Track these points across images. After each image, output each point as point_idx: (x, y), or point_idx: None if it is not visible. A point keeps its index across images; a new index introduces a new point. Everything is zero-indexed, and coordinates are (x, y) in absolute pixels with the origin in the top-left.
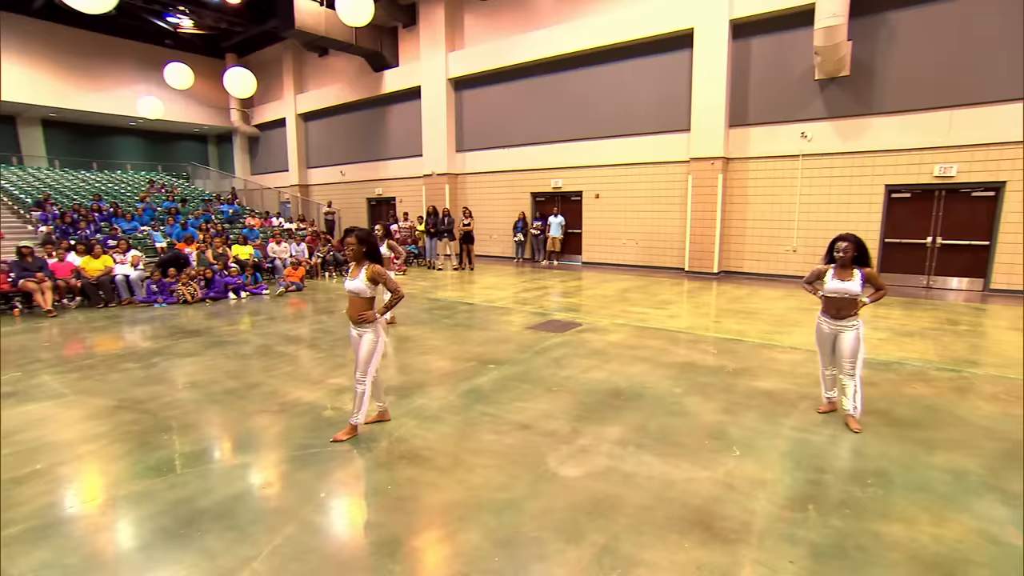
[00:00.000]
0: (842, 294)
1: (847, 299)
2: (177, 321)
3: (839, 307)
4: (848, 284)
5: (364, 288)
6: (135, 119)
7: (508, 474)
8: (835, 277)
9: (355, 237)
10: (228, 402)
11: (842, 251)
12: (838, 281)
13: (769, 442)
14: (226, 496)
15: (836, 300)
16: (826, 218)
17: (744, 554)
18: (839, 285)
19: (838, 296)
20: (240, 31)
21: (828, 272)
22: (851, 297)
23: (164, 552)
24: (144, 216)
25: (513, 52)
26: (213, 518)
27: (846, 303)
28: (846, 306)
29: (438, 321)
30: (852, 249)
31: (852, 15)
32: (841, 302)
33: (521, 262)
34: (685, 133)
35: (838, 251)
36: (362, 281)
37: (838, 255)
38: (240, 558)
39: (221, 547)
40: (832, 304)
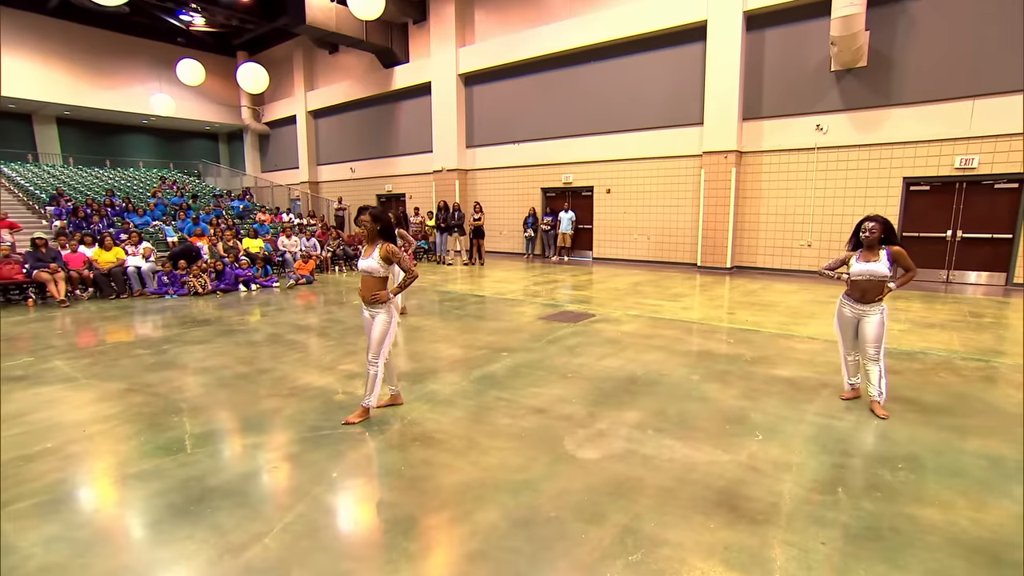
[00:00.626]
0: (869, 276)
1: (874, 282)
2: (188, 311)
3: (864, 290)
4: (875, 265)
5: (377, 267)
6: (148, 117)
7: (524, 456)
8: (861, 259)
9: (369, 215)
10: (239, 386)
11: (868, 231)
12: (864, 263)
13: (792, 427)
14: (236, 475)
15: (861, 283)
16: (842, 212)
17: (773, 535)
18: (865, 267)
19: (864, 279)
20: (251, 28)
21: (853, 257)
22: (878, 280)
23: (174, 527)
24: (156, 211)
25: (524, 47)
26: (223, 495)
27: (872, 286)
28: (872, 289)
29: (449, 312)
30: (879, 230)
31: (869, 4)
32: (867, 285)
33: (531, 258)
34: (698, 127)
35: (864, 231)
36: (375, 260)
37: (864, 236)
38: (251, 534)
39: (232, 523)
40: (857, 287)
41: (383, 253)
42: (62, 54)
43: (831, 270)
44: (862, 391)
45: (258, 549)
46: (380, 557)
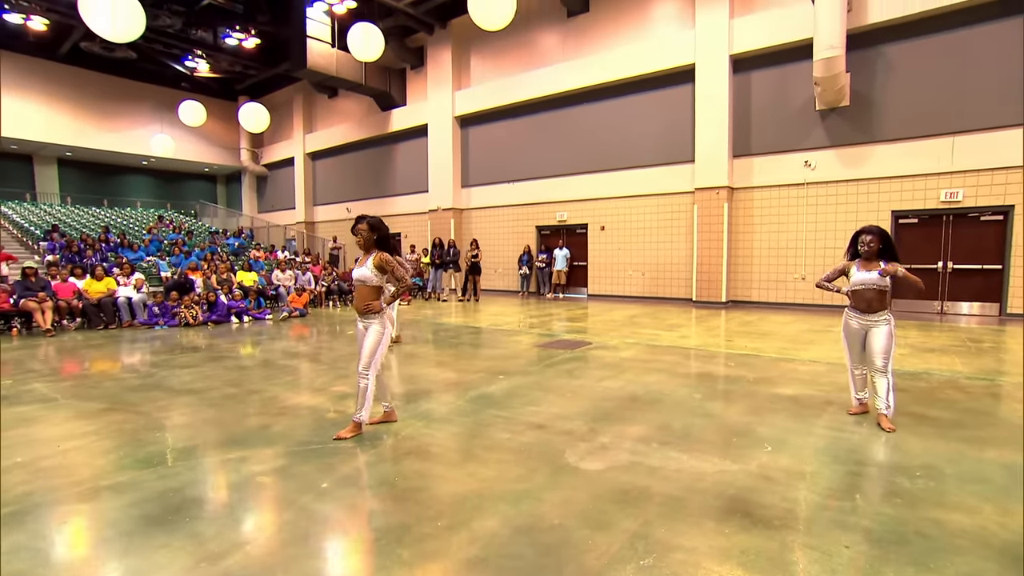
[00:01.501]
0: (870, 286)
1: (876, 290)
2: (177, 341)
3: (868, 300)
4: (875, 275)
5: (370, 275)
6: (147, 158)
7: (524, 467)
8: (861, 269)
9: (367, 223)
10: (226, 406)
11: (866, 244)
12: (865, 273)
13: (801, 440)
14: (219, 486)
15: (864, 292)
16: (834, 245)
17: (792, 539)
18: (866, 276)
19: (866, 288)
20: (254, 74)
21: (853, 267)
22: (880, 289)
23: (147, 537)
24: (151, 247)
25: (518, 89)
26: (203, 505)
27: (876, 294)
28: (876, 298)
29: (444, 341)
30: (877, 241)
31: (849, 48)
32: (871, 294)
33: (526, 295)
34: (689, 164)
35: (863, 244)
36: (368, 268)
37: (863, 248)
38: (232, 542)
39: (211, 532)
40: (861, 298)
41: (376, 262)
42: (69, 97)
43: (829, 281)
44: (870, 405)
45: (238, 556)
46: (372, 563)
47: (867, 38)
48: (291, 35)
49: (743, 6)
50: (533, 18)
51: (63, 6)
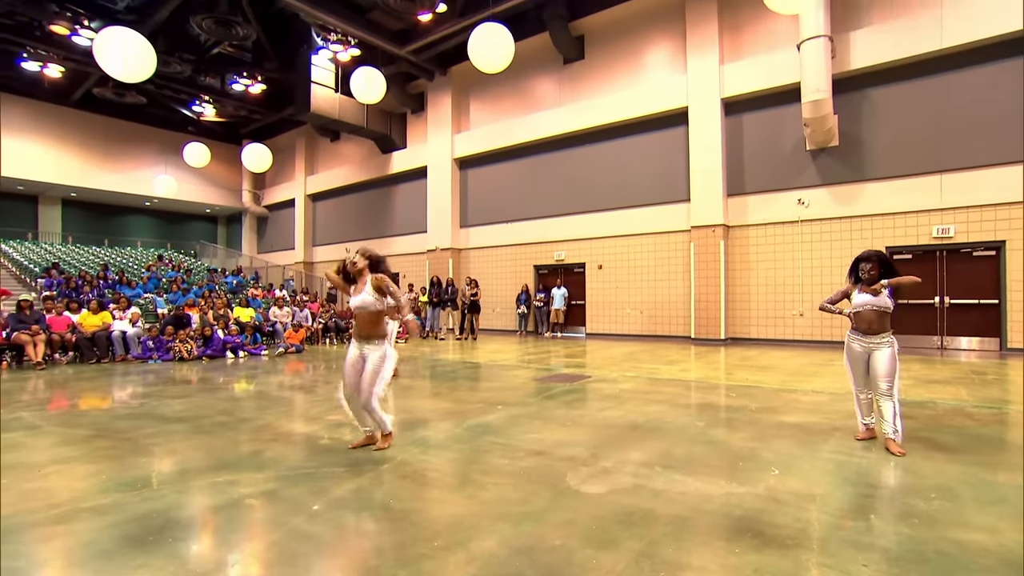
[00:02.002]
0: (872, 307)
1: (878, 311)
2: (170, 374)
3: (870, 321)
4: (879, 299)
5: (371, 300)
6: (150, 199)
7: (524, 491)
8: (862, 292)
9: (359, 252)
10: (217, 433)
11: (867, 272)
12: (866, 295)
13: (809, 464)
14: (204, 508)
15: (865, 314)
16: (830, 281)
17: (807, 558)
18: (867, 298)
19: (866, 309)
20: (259, 118)
21: (855, 290)
22: (882, 310)
23: (125, 557)
24: (149, 284)
25: (516, 132)
26: (187, 527)
27: (877, 316)
28: (877, 320)
29: (441, 375)
30: (877, 267)
31: (835, 92)
32: (871, 315)
33: (524, 334)
34: (685, 203)
35: (863, 272)
36: (368, 292)
37: (864, 276)
38: (215, 562)
39: (193, 552)
40: (862, 319)
41: (375, 283)
42: (77, 140)
43: (832, 303)
44: (877, 431)
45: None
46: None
47: (852, 82)
48: (296, 81)
49: (732, 53)
50: (530, 65)
51: (79, 54)
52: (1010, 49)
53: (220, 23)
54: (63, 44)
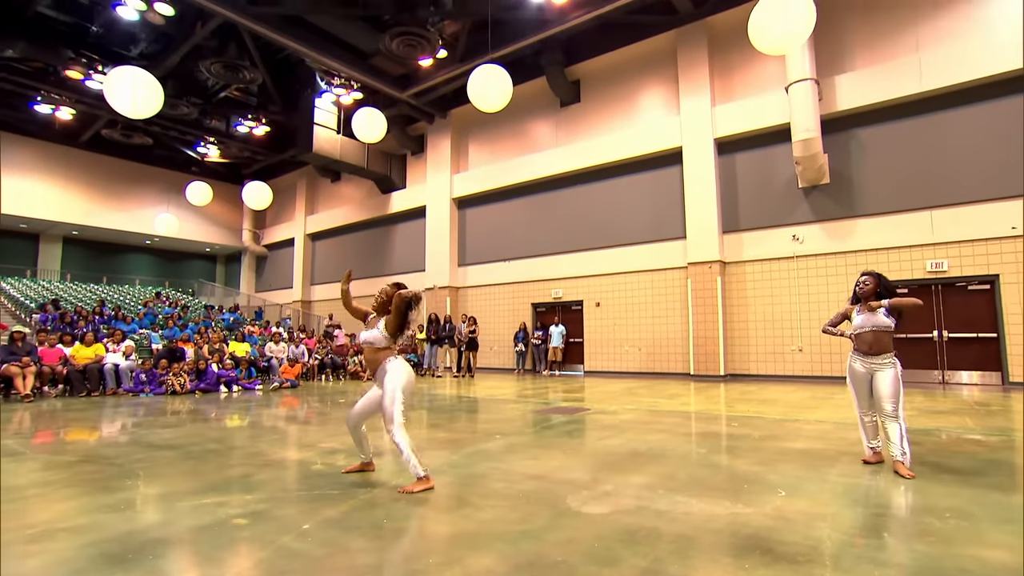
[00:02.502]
0: (872, 327)
1: (879, 332)
2: (161, 407)
3: (871, 342)
4: (878, 319)
5: (380, 337)
6: (151, 237)
7: (522, 511)
8: (862, 312)
9: (393, 285)
10: (207, 458)
11: (862, 284)
12: (865, 315)
13: (816, 486)
14: (190, 528)
15: (866, 335)
16: (827, 316)
17: (819, 573)
18: (866, 319)
19: (866, 330)
20: (261, 159)
21: (854, 311)
22: (881, 330)
23: (101, 574)
24: (144, 320)
25: (514, 172)
26: (169, 545)
27: (878, 337)
28: (879, 340)
29: (439, 408)
30: (873, 282)
31: (824, 132)
32: (872, 337)
33: (522, 372)
34: (681, 240)
35: (859, 285)
36: (380, 331)
37: (859, 289)
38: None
39: (175, 569)
40: (863, 341)
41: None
42: (82, 180)
43: (833, 326)
44: (884, 454)
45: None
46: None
47: (839, 123)
48: (299, 123)
49: (723, 95)
50: (528, 108)
51: (91, 98)
52: (989, 92)
53: (228, 67)
54: (76, 88)
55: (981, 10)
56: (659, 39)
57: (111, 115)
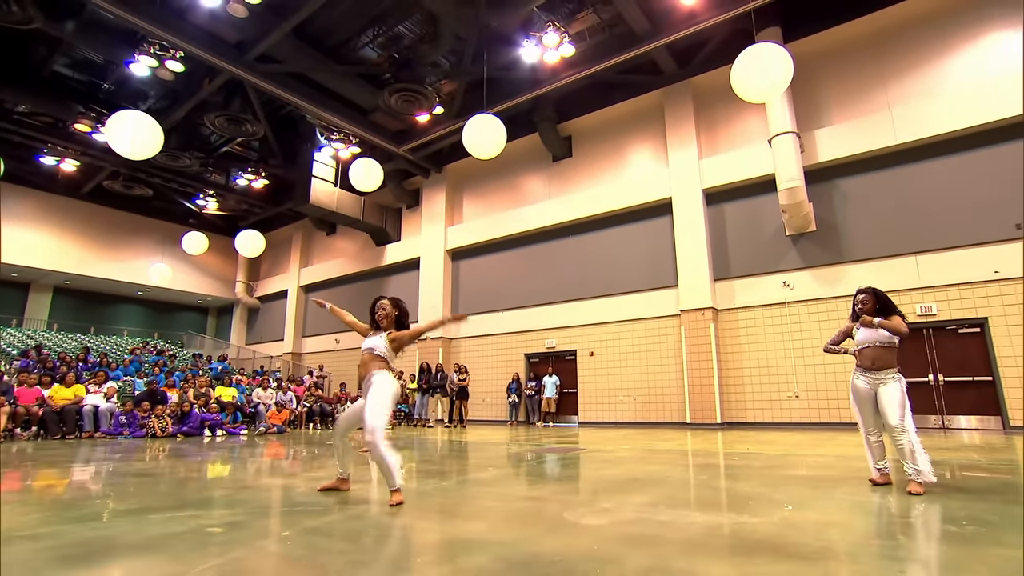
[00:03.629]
0: (874, 343)
1: (881, 348)
2: (139, 449)
3: (874, 358)
4: (875, 331)
5: (382, 347)
6: (143, 288)
7: (517, 523)
8: (862, 327)
9: (389, 300)
10: (184, 484)
11: (859, 303)
12: (865, 330)
13: (823, 502)
14: (161, 534)
15: (868, 351)
16: (823, 361)
17: (835, 569)
18: (867, 334)
19: (868, 346)
20: (258, 212)
21: (855, 328)
22: (884, 345)
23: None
24: (130, 367)
25: (508, 224)
26: (136, 548)
27: (880, 353)
28: (881, 356)
29: (429, 449)
30: (871, 300)
31: (808, 182)
32: (874, 353)
33: (515, 424)
34: (674, 289)
35: (856, 304)
36: (383, 340)
37: (857, 308)
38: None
39: (140, 568)
40: (866, 356)
41: (392, 337)
42: (79, 230)
43: (835, 344)
44: (892, 476)
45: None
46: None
47: (822, 174)
48: (297, 176)
49: (709, 148)
50: (521, 163)
51: (97, 150)
52: (960, 144)
53: (232, 120)
54: (83, 141)
55: (943, 71)
56: (647, 97)
57: (114, 166)
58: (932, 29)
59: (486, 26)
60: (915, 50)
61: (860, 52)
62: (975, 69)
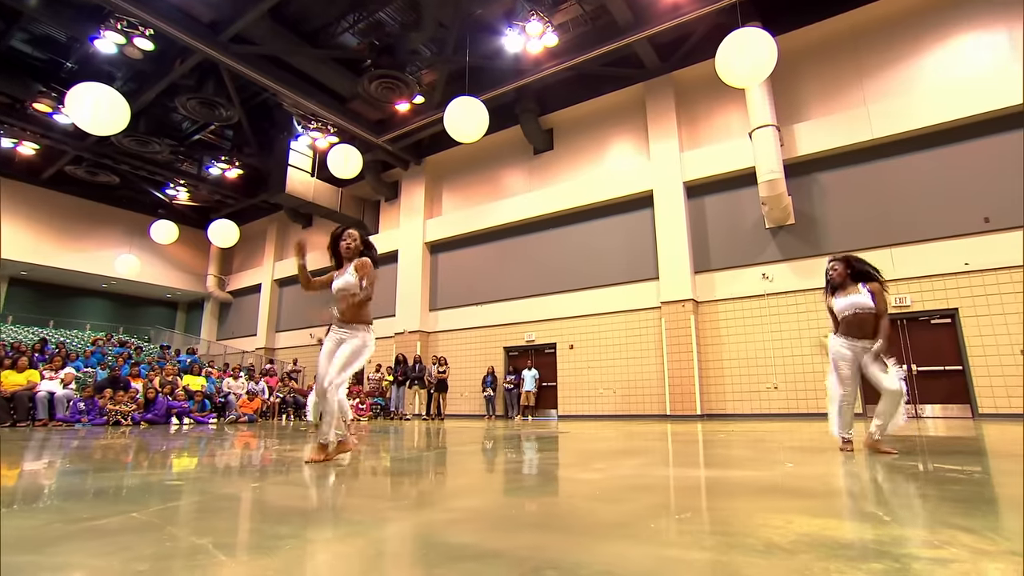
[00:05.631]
0: (855, 309)
1: (864, 314)
2: (98, 437)
3: (860, 324)
4: (857, 297)
5: (353, 283)
6: (108, 280)
7: (509, 478)
8: (840, 296)
9: (359, 233)
10: (138, 459)
11: (831, 271)
12: (844, 298)
13: (823, 463)
14: (116, 486)
15: (852, 319)
16: (800, 352)
17: (846, 503)
18: (847, 301)
19: (851, 313)
20: (232, 203)
21: (832, 300)
22: (866, 311)
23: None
24: (92, 359)
25: (487, 216)
26: (69, 495)
27: (867, 318)
28: (868, 321)
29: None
30: (843, 268)
31: (787, 176)
32: (859, 319)
33: (492, 418)
34: (654, 281)
35: (828, 275)
36: (351, 274)
37: (829, 278)
38: (91, 513)
39: (79, 508)
40: (853, 325)
41: (357, 265)
42: (39, 218)
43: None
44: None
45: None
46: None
47: (801, 167)
48: (273, 165)
49: (691, 141)
50: (502, 155)
51: (58, 132)
52: (933, 140)
53: (205, 104)
54: (42, 122)
55: (916, 70)
56: (629, 90)
57: (77, 151)
58: (905, 30)
59: (469, 14)
60: (890, 49)
61: (838, 49)
62: (945, 69)
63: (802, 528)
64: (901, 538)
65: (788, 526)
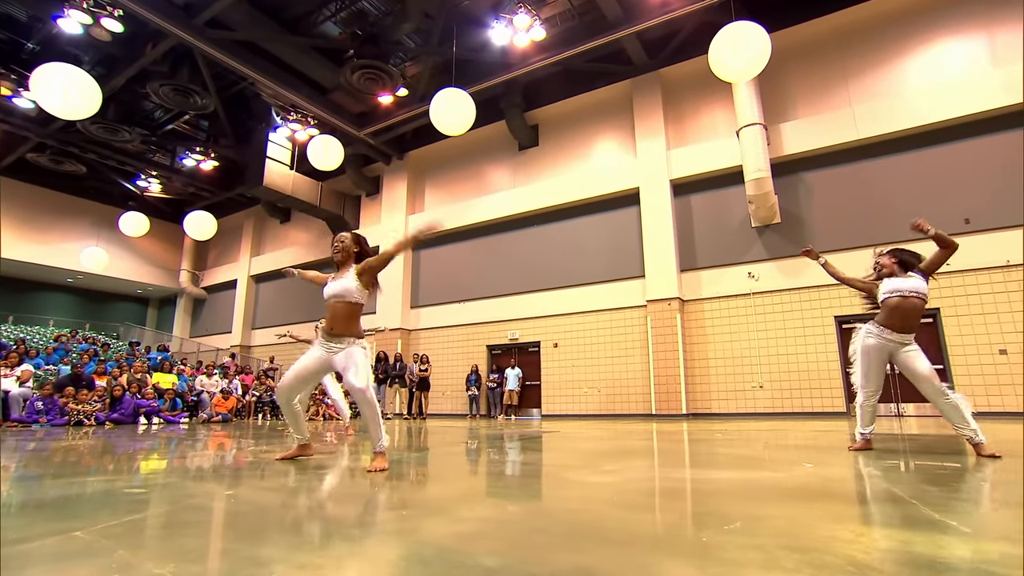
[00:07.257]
0: (912, 293)
1: (917, 304)
2: (56, 439)
3: (906, 315)
4: (916, 282)
5: (352, 288)
6: (74, 275)
7: (515, 480)
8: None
9: (351, 234)
10: (102, 461)
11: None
12: (901, 280)
13: (845, 470)
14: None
15: (906, 306)
16: (786, 351)
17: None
18: (908, 283)
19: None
20: (207, 196)
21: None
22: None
23: None
24: (54, 356)
25: (471, 212)
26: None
27: (915, 310)
28: (914, 314)
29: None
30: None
31: (774, 175)
32: (910, 307)
33: (475, 418)
34: (640, 279)
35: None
36: (351, 279)
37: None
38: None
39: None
40: (898, 313)
41: (360, 269)
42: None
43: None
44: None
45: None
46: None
47: (787, 167)
48: (251, 158)
49: (677, 140)
50: (486, 151)
51: (18, 117)
52: (916, 141)
53: (178, 91)
54: (1, 106)
55: (900, 72)
56: (616, 87)
57: (40, 137)
58: (890, 32)
59: (455, 5)
60: (875, 51)
61: (824, 50)
62: (928, 72)
63: (879, 543)
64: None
65: (860, 540)
